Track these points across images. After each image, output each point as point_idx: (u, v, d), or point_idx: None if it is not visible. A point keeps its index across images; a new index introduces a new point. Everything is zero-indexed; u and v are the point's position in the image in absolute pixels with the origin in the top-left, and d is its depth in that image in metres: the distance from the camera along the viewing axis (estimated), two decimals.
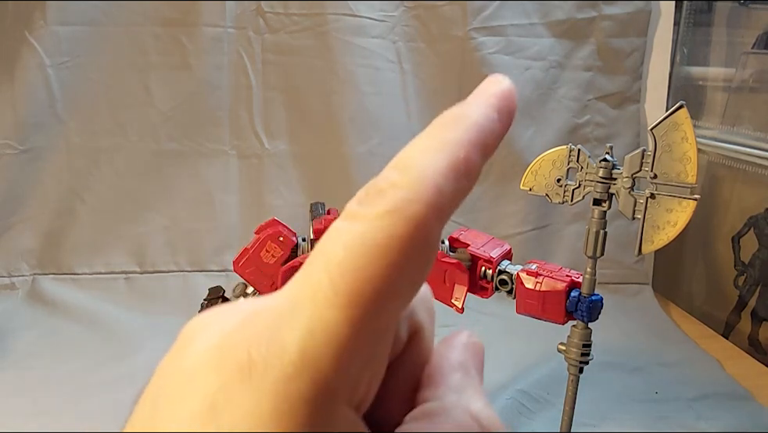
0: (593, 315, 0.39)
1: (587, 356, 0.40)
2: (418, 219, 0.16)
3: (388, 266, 0.16)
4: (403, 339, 0.20)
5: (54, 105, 1.13)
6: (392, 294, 0.16)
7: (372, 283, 0.16)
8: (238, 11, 1.14)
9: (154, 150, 1.16)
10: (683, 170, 0.33)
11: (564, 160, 0.39)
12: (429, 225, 0.16)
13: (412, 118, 1.19)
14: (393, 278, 0.16)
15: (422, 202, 0.16)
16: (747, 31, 1.14)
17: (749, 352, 1.00)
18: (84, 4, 1.10)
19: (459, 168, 0.18)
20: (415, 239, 0.16)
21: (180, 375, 0.18)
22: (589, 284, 0.38)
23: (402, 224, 0.16)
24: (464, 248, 0.43)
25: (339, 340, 0.16)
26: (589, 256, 0.38)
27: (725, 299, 1.10)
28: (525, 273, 0.40)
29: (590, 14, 1.17)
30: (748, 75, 1.13)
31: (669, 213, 0.33)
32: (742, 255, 1.08)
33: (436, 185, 0.17)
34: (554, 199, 0.40)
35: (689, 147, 0.33)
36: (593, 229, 0.38)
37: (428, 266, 0.17)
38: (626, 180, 0.35)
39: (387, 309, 0.16)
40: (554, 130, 1.19)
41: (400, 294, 0.17)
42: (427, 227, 0.16)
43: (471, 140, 0.18)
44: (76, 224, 1.15)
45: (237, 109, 1.17)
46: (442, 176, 0.17)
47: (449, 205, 0.17)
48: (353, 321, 0.16)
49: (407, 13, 1.16)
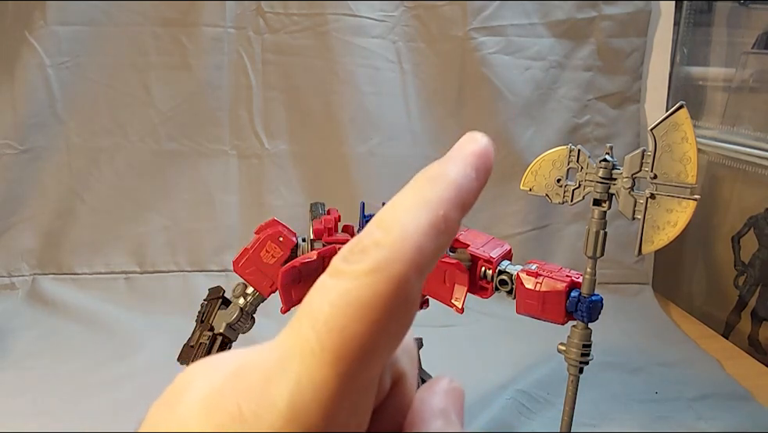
0: (593, 315, 0.39)
1: (587, 356, 0.40)
2: (400, 278, 0.17)
3: (372, 324, 0.17)
4: (386, 387, 0.21)
5: (54, 105, 1.13)
6: (377, 349, 0.17)
7: (357, 340, 0.16)
8: (238, 11, 1.14)
9: (154, 150, 1.16)
10: (683, 170, 0.33)
11: (564, 160, 0.39)
12: (411, 283, 0.17)
13: (412, 118, 1.19)
14: (377, 334, 0.17)
15: (404, 261, 0.17)
16: (747, 31, 1.14)
17: (749, 352, 1.00)
18: (84, 4, 1.10)
19: (439, 226, 0.18)
20: (398, 297, 0.17)
21: (174, 422, 0.19)
22: (589, 285, 0.38)
23: (385, 283, 0.17)
24: (464, 248, 0.43)
25: (327, 395, 0.16)
26: (589, 256, 0.38)
27: (725, 299, 1.10)
28: (525, 273, 0.40)
29: (590, 14, 1.17)
30: (748, 75, 1.13)
31: (669, 213, 0.33)
32: (742, 255, 1.08)
33: (418, 244, 0.18)
34: (554, 199, 0.40)
35: (689, 147, 0.33)
36: (593, 229, 0.38)
37: (410, 320, 0.18)
38: (626, 181, 0.35)
39: (372, 363, 0.17)
40: (554, 130, 1.19)
41: (384, 348, 0.17)
42: (408, 285, 0.17)
43: (450, 198, 0.19)
44: (76, 224, 1.15)
45: (237, 109, 1.17)
46: (423, 234, 0.18)
47: (429, 262, 0.18)
48: (340, 376, 0.16)
49: (407, 13, 1.16)
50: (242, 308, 0.66)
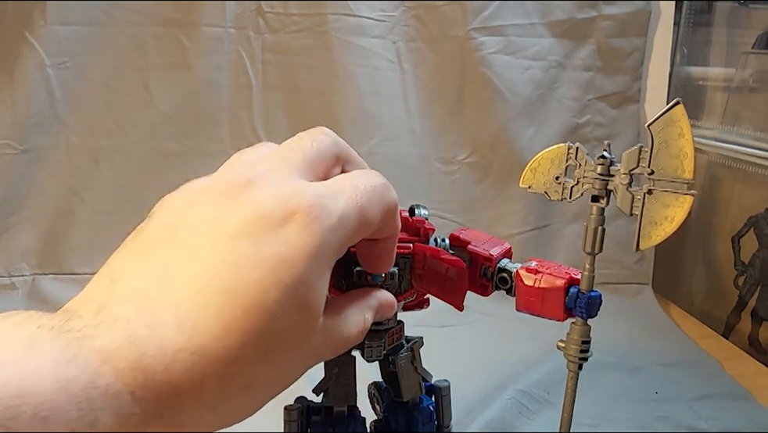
0: (592, 311, 0.39)
1: (586, 352, 0.40)
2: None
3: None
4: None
5: (54, 105, 1.13)
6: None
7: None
8: (238, 11, 1.14)
9: (154, 150, 1.16)
10: (680, 166, 0.33)
11: (562, 158, 0.39)
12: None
13: (412, 118, 1.19)
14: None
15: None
16: (747, 31, 1.14)
17: (749, 352, 1.00)
18: (84, 4, 1.10)
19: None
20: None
21: (186, 201, 0.29)
22: (587, 281, 0.38)
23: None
24: (464, 246, 0.43)
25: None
26: (587, 253, 0.38)
27: (725, 299, 1.10)
28: (525, 270, 0.40)
29: (590, 14, 1.17)
30: (748, 75, 1.13)
31: (667, 209, 0.34)
32: (742, 255, 1.08)
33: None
34: (552, 197, 0.40)
35: (685, 143, 0.33)
36: (591, 226, 0.38)
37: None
38: (624, 177, 0.36)
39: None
40: (554, 130, 1.19)
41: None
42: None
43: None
44: (76, 224, 1.15)
45: (237, 109, 1.17)
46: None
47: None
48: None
49: (407, 13, 1.16)
50: None
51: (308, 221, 0.25)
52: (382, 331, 0.47)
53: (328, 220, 0.26)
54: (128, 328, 0.23)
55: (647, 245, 0.35)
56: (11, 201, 1.13)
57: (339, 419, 0.48)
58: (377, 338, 0.46)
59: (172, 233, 0.27)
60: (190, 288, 0.24)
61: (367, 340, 0.46)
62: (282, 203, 0.26)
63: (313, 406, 0.50)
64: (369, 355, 0.47)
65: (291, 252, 0.25)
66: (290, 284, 0.25)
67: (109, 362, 0.22)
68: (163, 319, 0.23)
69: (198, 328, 0.23)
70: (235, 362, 0.24)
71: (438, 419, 0.53)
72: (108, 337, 0.22)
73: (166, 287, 0.24)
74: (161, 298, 0.24)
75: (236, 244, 0.25)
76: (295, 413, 0.49)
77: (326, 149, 0.31)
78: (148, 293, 0.24)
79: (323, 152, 0.31)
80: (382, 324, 0.46)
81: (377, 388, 0.52)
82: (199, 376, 0.23)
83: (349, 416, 0.48)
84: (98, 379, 0.21)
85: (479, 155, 1.20)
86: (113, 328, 0.23)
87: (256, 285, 0.24)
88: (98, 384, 0.21)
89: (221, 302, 0.24)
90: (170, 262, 0.26)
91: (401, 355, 0.49)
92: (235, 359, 0.24)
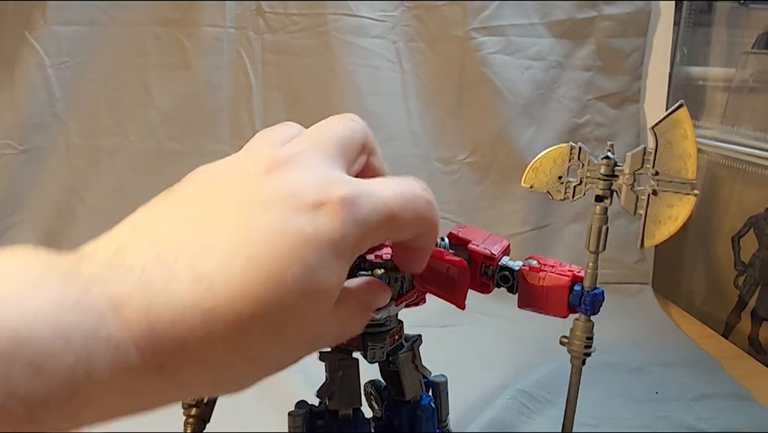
0: (596, 308, 0.40)
1: (590, 348, 0.41)
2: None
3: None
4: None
5: (54, 105, 1.13)
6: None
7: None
8: (238, 11, 1.14)
9: (154, 150, 1.16)
10: (684, 167, 0.34)
11: (565, 158, 0.40)
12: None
13: (412, 118, 1.19)
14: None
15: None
16: (747, 31, 1.14)
17: (749, 352, 1.00)
18: (84, 4, 1.11)
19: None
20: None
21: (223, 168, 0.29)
22: (591, 278, 0.39)
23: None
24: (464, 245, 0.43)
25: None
26: (591, 252, 0.39)
27: (725, 299, 1.11)
28: (528, 268, 0.40)
29: (590, 14, 1.17)
30: (748, 75, 1.13)
31: (671, 209, 0.34)
32: (742, 255, 1.09)
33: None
34: (555, 196, 0.40)
35: (689, 144, 0.34)
36: (595, 225, 0.39)
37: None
38: (628, 177, 0.36)
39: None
40: (554, 129, 1.19)
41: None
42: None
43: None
44: (76, 224, 1.15)
45: (237, 109, 1.17)
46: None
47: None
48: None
49: (407, 13, 1.16)
50: None
51: (339, 210, 0.25)
52: (384, 333, 0.47)
53: (357, 215, 0.26)
54: (143, 277, 0.22)
55: (651, 243, 0.36)
56: (11, 201, 1.13)
57: (344, 422, 0.48)
58: (379, 339, 0.46)
59: (203, 194, 0.27)
60: (212, 247, 0.24)
61: (369, 342, 0.46)
62: (318, 188, 0.26)
63: (316, 410, 0.50)
64: (372, 356, 0.47)
65: (318, 234, 0.25)
66: (312, 266, 0.24)
67: (117, 309, 0.21)
68: (180, 273, 0.23)
69: (213, 288, 0.23)
70: (244, 329, 0.23)
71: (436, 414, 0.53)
72: (121, 284, 0.22)
73: (188, 242, 0.24)
74: (181, 252, 0.24)
75: (266, 214, 0.25)
76: (300, 419, 0.49)
77: (357, 136, 0.31)
78: (169, 245, 0.24)
79: (354, 138, 0.31)
80: (383, 326, 0.46)
81: (374, 386, 0.52)
82: (207, 336, 0.23)
83: (355, 418, 0.48)
84: (102, 327, 0.21)
85: (479, 155, 1.20)
86: (128, 276, 0.22)
87: (280, 259, 0.24)
88: (101, 332, 0.21)
89: (242, 267, 0.23)
90: (196, 219, 0.25)
91: (402, 354, 0.49)
92: (246, 327, 0.23)
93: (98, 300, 0.21)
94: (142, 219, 0.27)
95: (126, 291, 0.22)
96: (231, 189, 0.27)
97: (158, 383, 0.23)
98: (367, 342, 0.46)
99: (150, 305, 0.22)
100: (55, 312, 0.20)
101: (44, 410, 0.20)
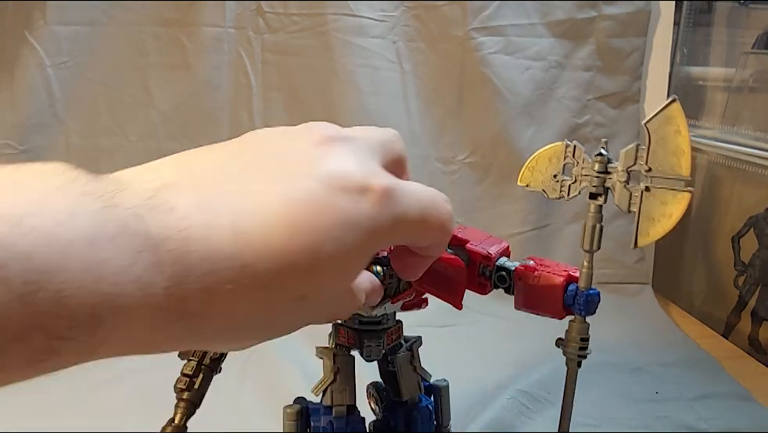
0: (591, 309, 0.39)
1: (585, 350, 0.40)
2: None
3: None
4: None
5: (54, 105, 1.13)
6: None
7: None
8: (238, 11, 1.14)
9: (154, 150, 1.16)
10: (677, 163, 0.33)
11: (560, 156, 0.39)
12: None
13: (412, 118, 1.19)
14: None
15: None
16: (747, 31, 1.14)
17: (749, 352, 1.00)
18: (84, 4, 1.11)
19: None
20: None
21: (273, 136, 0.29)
22: (586, 278, 0.38)
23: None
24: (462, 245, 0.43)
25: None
26: (586, 251, 0.38)
27: (725, 299, 1.10)
28: (523, 268, 0.40)
29: (590, 14, 1.17)
30: (748, 75, 1.13)
31: (665, 206, 0.34)
32: (742, 255, 1.08)
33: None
34: (550, 195, 0.40)
35: (682, 140, 0.33)
36: (589, 223, 0.38)
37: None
38: (622, 174, 0.36)
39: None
40: (554, 129, 1.19)
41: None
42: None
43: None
44: None
45: (237, 109, 1.17)
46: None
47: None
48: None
49: (407, 13, 1.16)
50: None
51: (380, 200, 0.26)
52: (380, 331, 0.47)
53: (395, 208, 0.27)
54: (183, 222, 0.22)
55: (646, 242, 0.35)
56: None
57: (338, 419, 0.48)
58: (375, 337, 0.46)
59: (250, 150, 0.27)
60: (255, 205, 0.24)
61: (366, 339, 0.46)
62: (365, 174, 0.26)
63: (312, 406, 0.50)
64: (368, 354, 0.47)
65: (357, 218, 0.25)
66: (346, 246, 0.25)
67: (152, 249, 0.21)
68: (222, 224, 0.23)
69: (252, 247, 0.23)
70: (271, 292, 0.24)
71: (437, 418, 0.53)
72: (160, 224, 0.21)
73: (231, 194, 0.24)
74: (224, 203, 0.23)
75: (313, 185, 0.25)
76: (294, 413, 0.49)
77: (396, 148, 0.32)
78: (213, 193, 0.24)
79: (394, 149, 0.32)
80: (380, 324, 0.46)
81: (376, 387, 0.52)
82: (236, 291, 0.23)
83: (349, 415, 0.48)
84: (135, 265, 0.20)
85: (479, 155, 1.20)
86: (168, 216, 0.22)
87: (319, 232, 0.24)
88: (132, 270, 0.20)
89: (283, 232, 0.23)
90: (241, 173, 0.25)
91: (400, 354, 0.49)
92: (273, 290, 0.24)
93: (135, 238, 0.21)
94: (187, 160, 0.26)
95: (164, 232, 0.21)
96: (279, 151, 0.27)
97: (178, 329, 0.22)
98: (364, 339, 0.46)
99: (188, 251, 0.22)
100: (89, 246, 0.19)
101: (65, 343, 0.19)
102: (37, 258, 0.18)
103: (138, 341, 0.22)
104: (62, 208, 0.20)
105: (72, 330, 0.19)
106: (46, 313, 0.19)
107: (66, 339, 0.19)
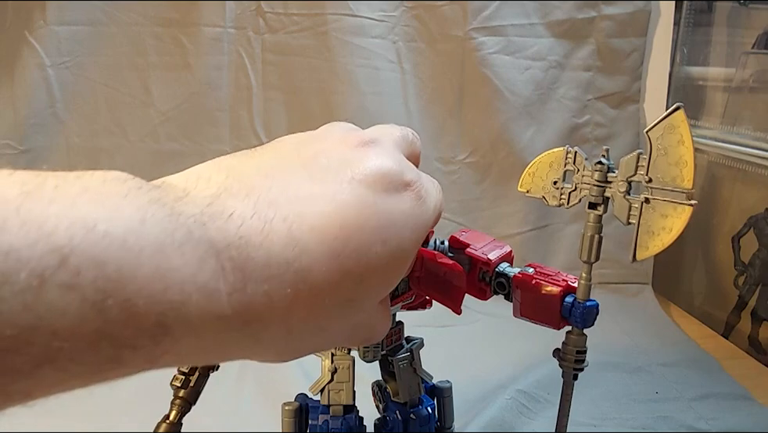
0: (588, 321, 0.38)
1: (582, 363, 0.39)
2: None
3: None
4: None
5: (54, 105, 1.13)
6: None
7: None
8: (238, 11, 1.14)
9: (154, 150, 1.16)
10: (679, 174, 0.32)
11: (561, 162, 0.38)
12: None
13: (412, 118, 1.19)
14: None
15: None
16: (747, 31, 1.14)
17: (749, 352, 1.00)
18: (84, 4, 1.10)
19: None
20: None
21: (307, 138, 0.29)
22: (584, 290, 0.37)
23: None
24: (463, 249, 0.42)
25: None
26: (584, 261, 0.37)
27: (725, 299, 1.10)
28: (521, 276, 0.39)
29: (590, 14, 1.17)
30: (748, 75, 1.13)
31: (665, 219, 0.32)
32: (742, 255, 1.08)
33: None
34: (550, 202, 0.39)
35: (685, 150, 0.32)
36: (588, 233, 0.37)
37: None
38: (621, 184, 0.34)
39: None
40: (553, 130, 1.19)
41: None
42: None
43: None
44: None
45: (237, 109, 1.17)
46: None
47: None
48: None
49: (407, 13, 1.16)
50: None
51: (419, 196, 0.27)
52: None
53: (430, 203, 0.28)
54: (243, 228, 0.22)
55: (645, 256, 0.34)
56: None
57: (334, 418, 0.48)
58: None
59: (291, 154, 0.27)
60: (308, 210, 0.24)
61: None
62: (403, 172, 0.27)
63: (311, 404, 0.50)
64: (366, 355, 0.47)
65: (402, 217, 0.26)
66: (393, 246, 0.25)
67: (216, 257, 0.21)
68: (278, 230, 0.23)
69: (307, 251, 0.23)
70: (325, 297, 0.24)
71: (440, 420, 0.53)
72: (220, 231, 0.21)
73: (282, 198, 0.24)
74: (277, 208, 0.23)
75: (360, 188, 0.25)
76: (292, 411, 0.50)
77: (415, 147, 0.33)
78: (264, 198, 0.24)
79: (413, 147, 0.33)
80: None
81: (379, 386, 0.52)
82: (294, 298, 0.23)
83: (346, 415, 0.48)
84: (200, 273, 0.20)
85: (479, 155, 1.20)
86: (228, 223, 0.22)
87: (368, 235, 0.24)
88: (198, 278, 0.20)
89: (335, 236, 0.23)
90: (288, 177, 0.25)
91: (400, 356, 0.49)
92: (326, 295, 0.24)
93: (200, 245, 0.21)
94: (233, 165, 0.26)
95: (226, 239, 0.21)
96: (317, 156, 0.27)
97: (240, 337, 0.22)
98: None
99: (247, 258, 0.22)
100: (159, 254, 0.19)
101: (131, 352, 0.19)
102: (110, 265, 0.18)
103: (200, 349, 0.22)
104: (133, 215, 0.19)
105: (138, 338, 0.19)
106: (115, 321, 0.18)
107: (132, 348, 0.19)
